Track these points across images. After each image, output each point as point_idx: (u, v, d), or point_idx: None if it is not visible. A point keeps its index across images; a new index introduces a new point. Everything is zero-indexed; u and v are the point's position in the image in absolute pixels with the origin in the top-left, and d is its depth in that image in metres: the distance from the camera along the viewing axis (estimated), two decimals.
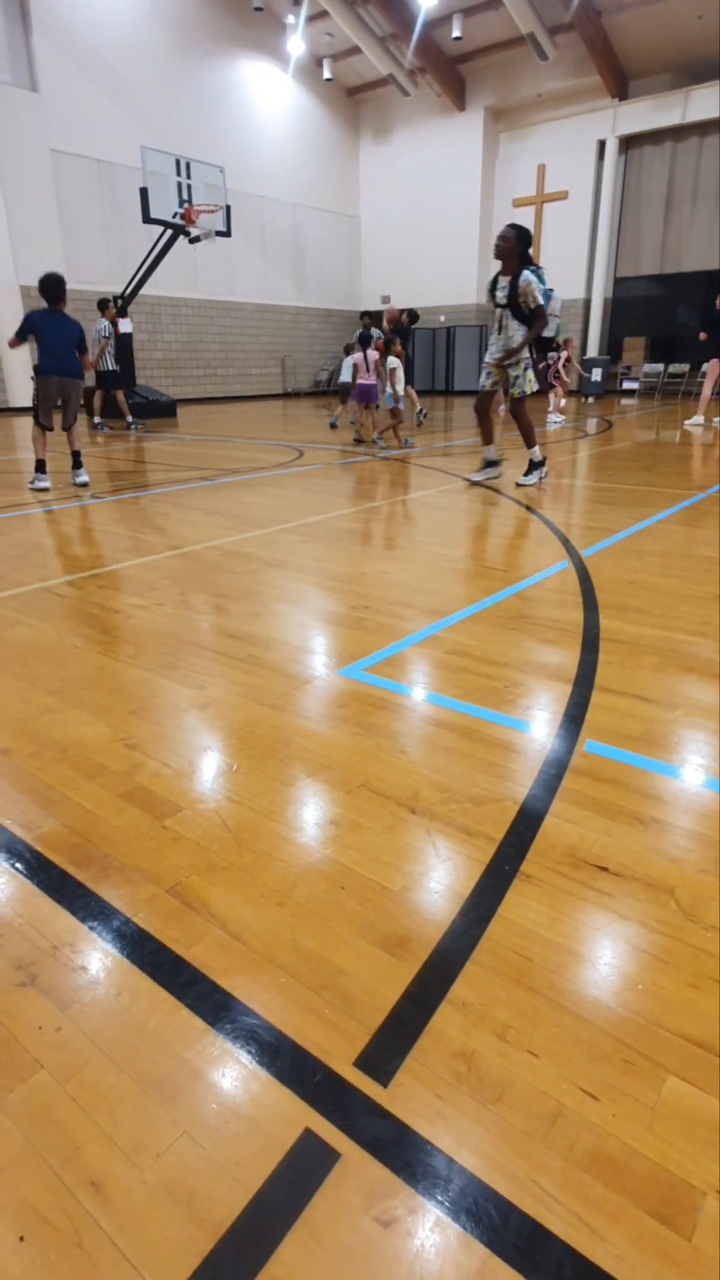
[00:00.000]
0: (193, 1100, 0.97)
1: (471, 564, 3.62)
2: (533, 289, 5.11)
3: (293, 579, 3.31)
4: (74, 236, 13.85)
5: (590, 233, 16.96)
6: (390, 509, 5.04)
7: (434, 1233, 0.82)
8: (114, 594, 3.11)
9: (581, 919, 1.27)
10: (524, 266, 5.16)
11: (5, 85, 12.51)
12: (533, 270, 5.16)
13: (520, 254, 5.15)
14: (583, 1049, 1.04)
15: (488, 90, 16.92)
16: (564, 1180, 0.87)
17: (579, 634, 2.61)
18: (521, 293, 5.14)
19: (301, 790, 1.68)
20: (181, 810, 1.60)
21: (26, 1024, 1.08)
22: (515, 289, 5.16)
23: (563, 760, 1.78)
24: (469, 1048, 1.04)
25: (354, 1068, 1.01)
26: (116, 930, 1.26)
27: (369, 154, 19.18)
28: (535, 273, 5.16)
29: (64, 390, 5.79)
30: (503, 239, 5.15)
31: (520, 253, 5.15)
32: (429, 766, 1.76)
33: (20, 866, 1.42)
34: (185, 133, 14.81)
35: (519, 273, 5.13)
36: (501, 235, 5.16)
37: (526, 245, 5.17)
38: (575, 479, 6.21)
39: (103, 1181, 0.87)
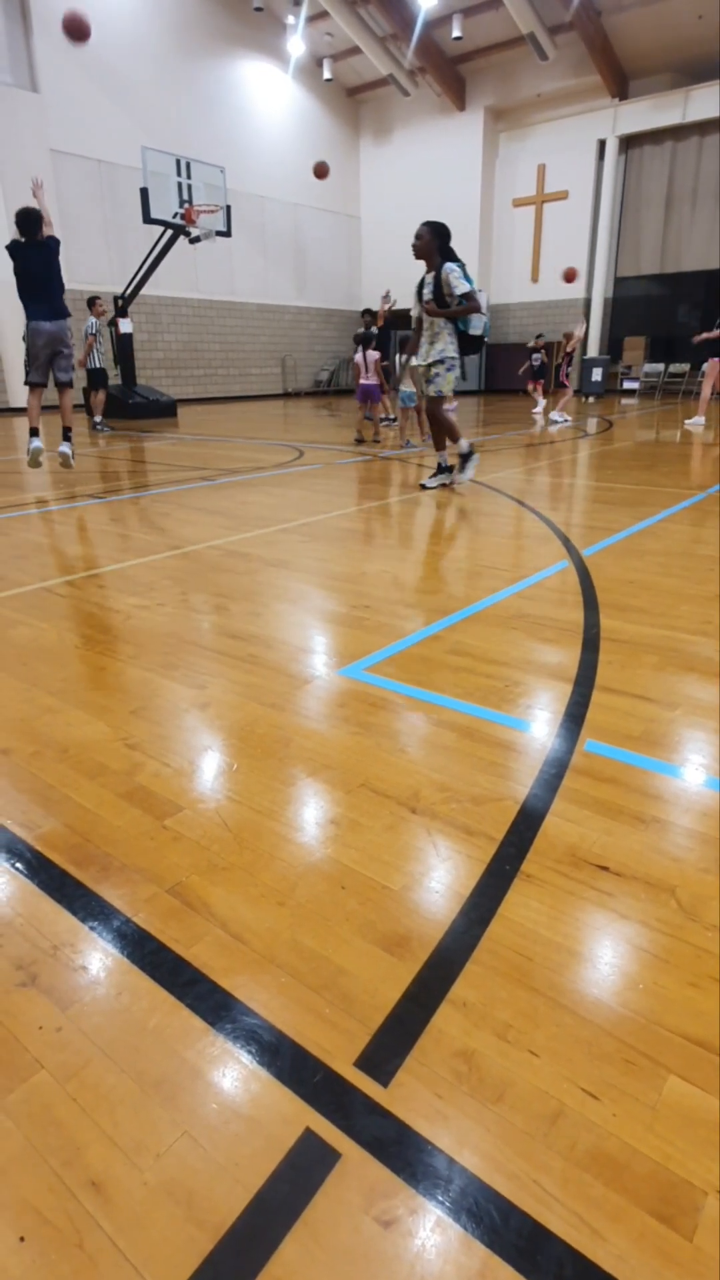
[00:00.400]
0: (193, 1100, 0.97)
1: (472, 563, 3.62)
2: (453, 276, 4.96)
3: (293, 578, 3.31)
4: (74, 237, 13.86)
5: (590, 233, 16.97)
6: (391, 508, 5.04)
7: (435, 1233, 0.82)
8: (114, 594, 3.11)
9: (582, 918, 1.27)
10: (446, 261, 5.01)
11: (5, 86, 12.52)
12: (456, 263, 5.02)
13: (440, 249, 5.02)
14: (583, 1048, 1.03)
15: (488, 90, 16.93)
16: (565, 1180, 0.87)
17: (579, 633, 2.61)
18: (444, 283, 5.01)
19: (302, 790, 1.68)
20: (182, 810, 1.60)
21: (27, 1024, 1.08)
22: (439, 284, 5.04)
23: (563, 760, 1.78)
24: (469, 1047, 1.04)
25: (354, 1068, 1.01)
26: (117, 930, 1.26)
27: (369, 154, 19.20)
28: (458, 265, 5.02)
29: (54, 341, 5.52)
30: (418, 237, 5.02)
31: (440, 247, 5.02)
32: (429, 766, 1.76)
33: (20, 866, 1.42)
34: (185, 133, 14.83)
35: (441, 267, 5.00)
36: (416, 234, 5.03)
37: (445, 240, 5.03)
38: (576, 478, 6.21)
39: (103, 1182, 0.87)
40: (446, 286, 5.01)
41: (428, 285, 5.11)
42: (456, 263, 5.03)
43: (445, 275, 4.98)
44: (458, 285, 4.98)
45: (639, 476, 6.10)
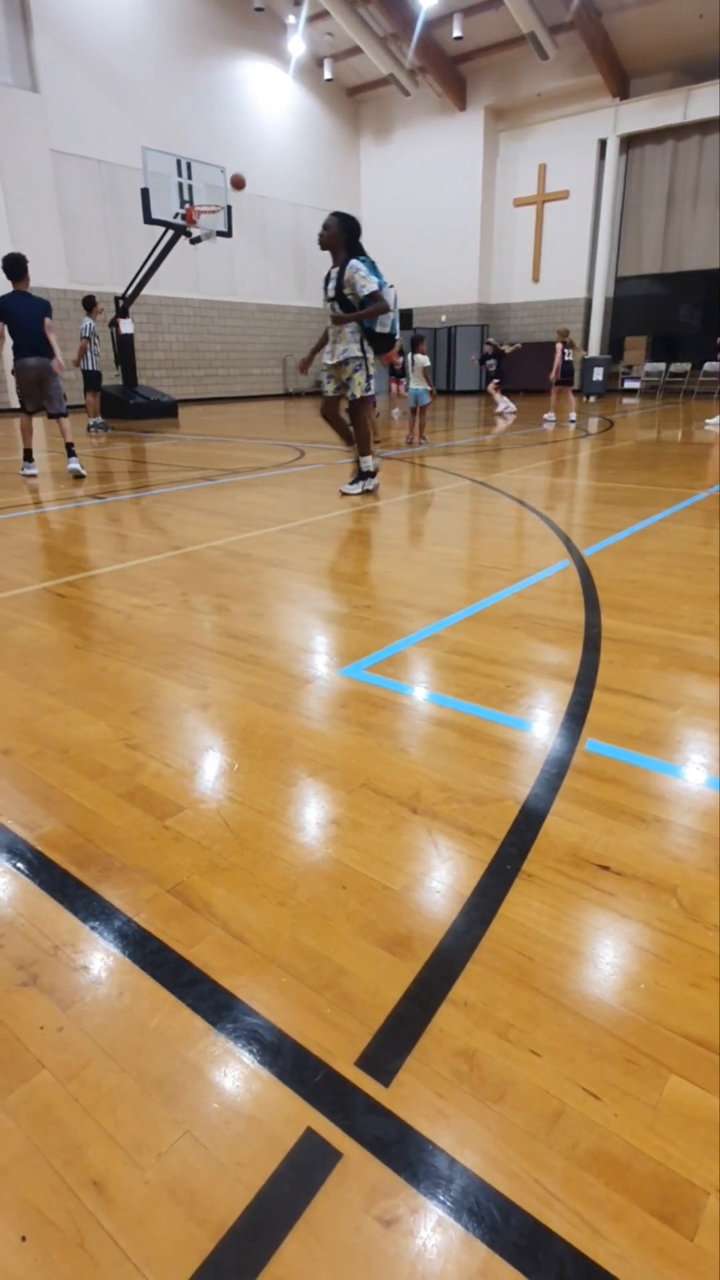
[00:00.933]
0: (194, 1100, 0.97)
1: (473, 563, 3.62)
2: (358, 276, 4.74)
3: (294, 579, 3.31)
4: (75, 237, 13.87)
5: (591, 232, 16.96)
6: (392, 508, 5.04)
7: (436, 1232, 0.82)
8: (115, 594, 3.11)
9: (583, 918, 1.27)
10: (353, 256, 4.80)
11: (6, 86, 12.53)
12: (363, 259, 4.80)
13: (347, 242, 4.81)
14: (585, 1048, 1.03)
15: (488, 90, 16.92)
16: (566, 1179, 0.87)
17: (581, 633, 2.61)
18: (347, 281, 4.79)
19: (303, 790, 1.68)
20: (183, 810, 1.60)
21: (28, 1024, 1.08)
22: (342, 278, 4.81)
23: (564, 759, 1.78)
24: (471, 1047, 1.04)
25: (355, 1067, 1.01)
26: (118, 930, 1.26)
27: (370, 154, 19.19)
28: (365, 262, 4.80)
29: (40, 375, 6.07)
30: (325, 228, 4.82)
31: (347, 241, 4.80)
32: (430, 766, 1.76)
33: (22, 866, 1.42)
34: (186, 133, 14.84)
35: (347, 262, 4.79)
36: (324, 224, 4.83)
37: (353, 233, 4.81)
38: (577, 478, 6.21)
39: (104, 1181, 0.87)
40: (350, 285, 4.79)
41: (332, 280, 4.89)
42: (364, 258, 4.82)
43: (350, 273, 4.76)
44: (363, 284, 4.75)
45: (640, 476, 6.10)
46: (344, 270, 4.79)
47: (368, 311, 4.83)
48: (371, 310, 4.83)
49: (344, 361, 4.96)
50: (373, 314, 4.84)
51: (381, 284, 4.83)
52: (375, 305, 4.81)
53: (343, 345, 4.95)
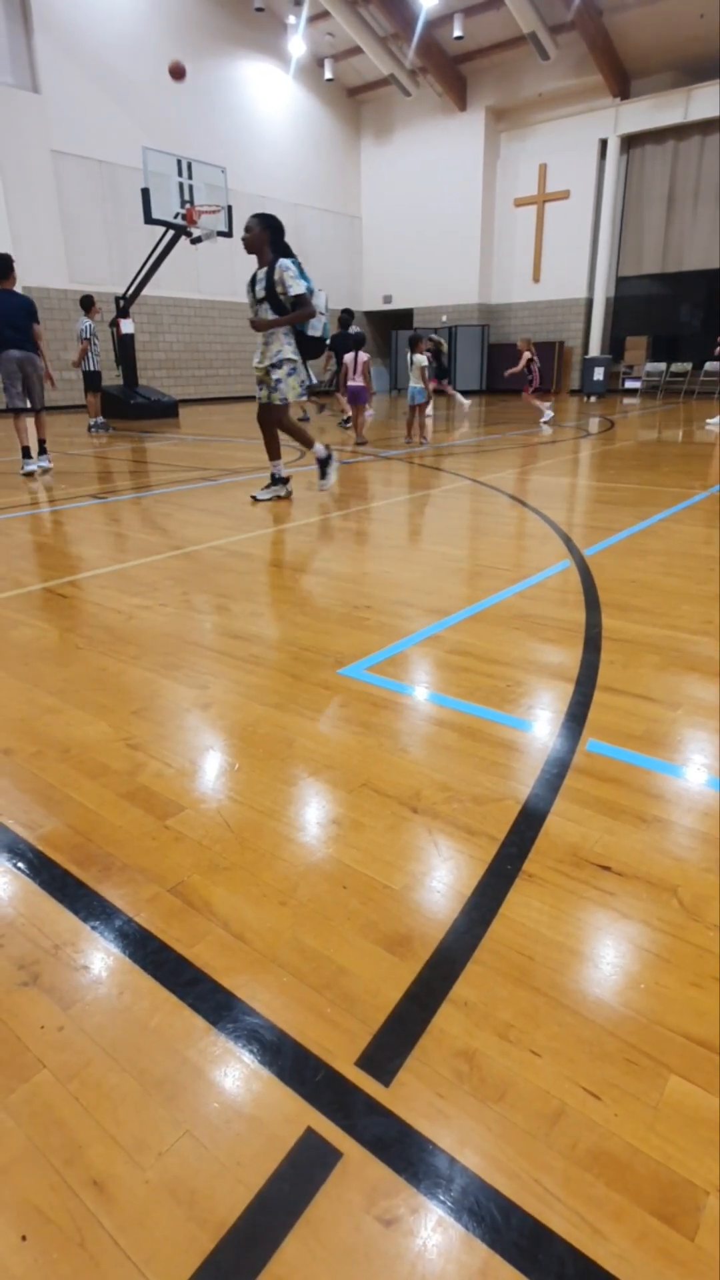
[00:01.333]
0: (194, 1099, 0.97)
1: (474, 563, 3.62)
2: (287, 275, 4.61)
3: (295, 579, 3.31)
4: (75, 237, 13.87)
5: (592, 232, 16.95)
6: (392, 509, 5.04)
7: (436, 1232, 0.82)
8: (116, 594, 3.12)
9: (584, 918, 1.27)
10: (280, 256, 4.68)
11: (7, 86, 12.53)
12: (291, 260, 4.68)
13: (272, 242, 4.69)
14: (585, 1048, 1.03)
15: (489, 90, 16.92)
16: (566, 1179, 0.87)
17: (581, 633, 2.61)
18: (277, 280, 4.65)
19: (303, 790, 1.68)
20: (184, 810, 1.60)
21: (29, 1023, 1.08)
22: (271, 279, 4.67)
23: (565, 759, 1.78)
24: (471, 1047, 1.04)
25: (356, 1067, 1.01)
26: (118, 930, 1.26)
27: (370, 154, 19.19)
28: (295, 263, 4.69)
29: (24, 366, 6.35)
30: (247, 230, 4.69)
31: (272, 240, 4.68)
32: (431, 766, 1.76)
33: (22, 866, 1.43)
34: (186, 133, 14.84)
35: (274, 262, 4.66)
36: (246, 226, 4.70)
37: (277, 233, 4.70)
38: (577, 478, 6.21)
39: (105, 1181, 0.87)
40: (280, 285, 4.65)
41: (259, 281, 4.74)
42: (291, 259, 4.69)
43: (280, 273, 4.63)
44: (292, 285, 4.62)
45: (641, 476, 6.09)
46: (273, 270, 4.66)
47: (294, 316, 4.71)
48: (299, 315, 4.71)
49: (276, 364, 4.80)
50: (300, 318, 4.72)
51: (310, 288, 4.73)
52: (303, 310, 4.70)
53: (275, 347, 4.79)
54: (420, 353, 8.15)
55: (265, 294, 4.72)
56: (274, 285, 4.68)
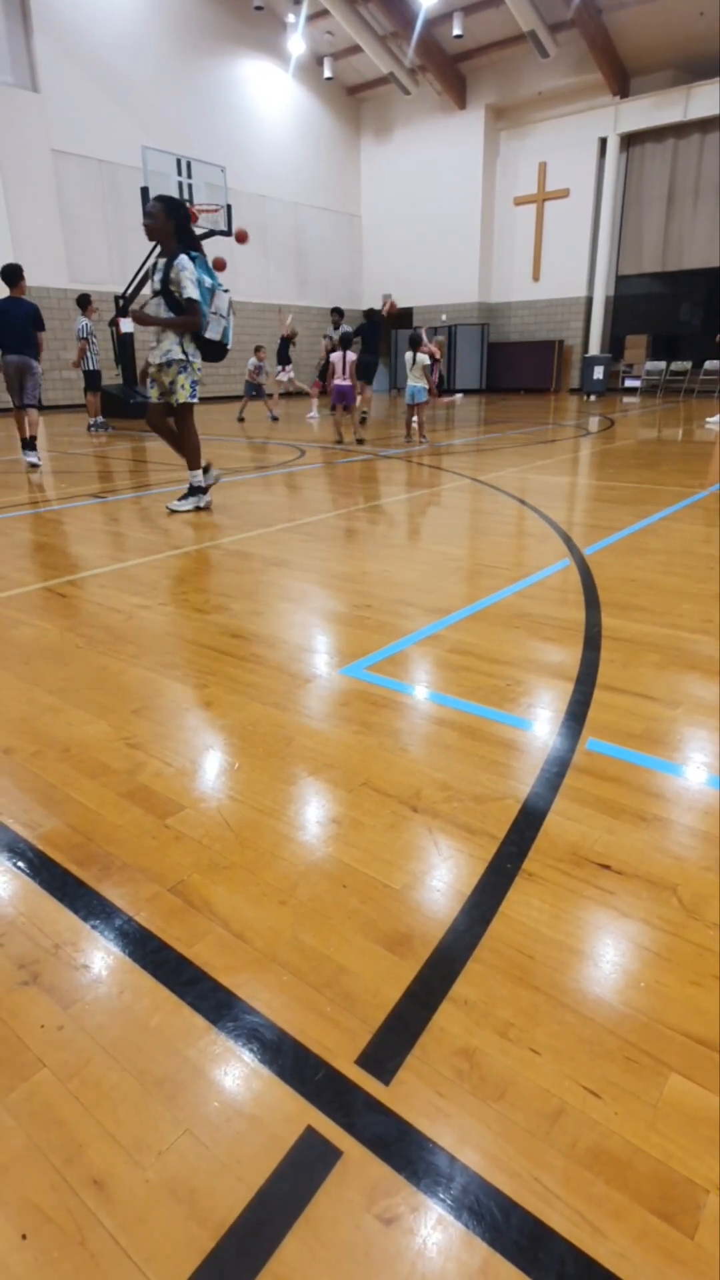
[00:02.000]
0: (195, 1098, 0.97)
1: (473, 562, 3.62)
2: (184, 275, 4.26)
3: (294, 578, 3.31)
4: (75, 237, 13.86)
5: (592, 231, 16.94)
6: (392, 508, 5.04)
7: (436, 1230, 0.82)
8: (116, 593, 3.12)
9: (584, 917, 1.27)
10: (184, 248, 4.33)
11: (6, 86, 12.52)
12: (192, 255, 4.32)
13: (175, 231, 4.31)
14: (585, 1047, 1.03)
15: (489, 88, 16.90)
16: (566, 1178, 0.87)
17: (581, 632, 2.60)
18: (174, 278, 4.30)
19: (303, 789, 1.68)
20: (184, 809, 1.60)
21: (29, 1023, 1.08)
22: (169, 274, 4.33)
23: (565, 758, 1.78)
24: (471, 1045, 1.04)
25: (356, 1066, 1.01)
26: (118, 929, 1.26)
27: (370, 153, 19.17)
28: (196, 259, 4.34)
29: (19, 369, 6.77)
30: (149, 216, 4.30)
31: (175, 229, 4.31)
32: (431, 765, 1.76)
33: (22, 865, 1.43)
34: (186, 132, 14.83)
35: (176, 255, 4.30)
36: (147, 212, 4.33)
37: (181, 221, 4.31)
38: (577, 477, 6.21)
39: (105, 1180, 0.87)
40: (175, 284, 4.30)
41: (158, 271, 4.38)
42: (196, 255, 4.34)
43: (177, 271, 4.28)
44: (187, 287, 4.28)
45: (641, 475, 6.09)
46: (170, 264, 4.31)
47: (173, 322, 4.37)
48: (176, 322, 4.37)
49: (167, 363, 4.48)
50: (178, 326, 4.38)
51: (216, 286, 4.44)
52: (183, 318, 4.36)
53: (165, 345, 4.45)
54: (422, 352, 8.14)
55: (161, 288, 4.39)
56: (169, 282, 4.34)
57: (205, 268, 4.41)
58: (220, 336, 4.56)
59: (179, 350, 4.47)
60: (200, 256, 4.39)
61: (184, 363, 4.51)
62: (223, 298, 4.48)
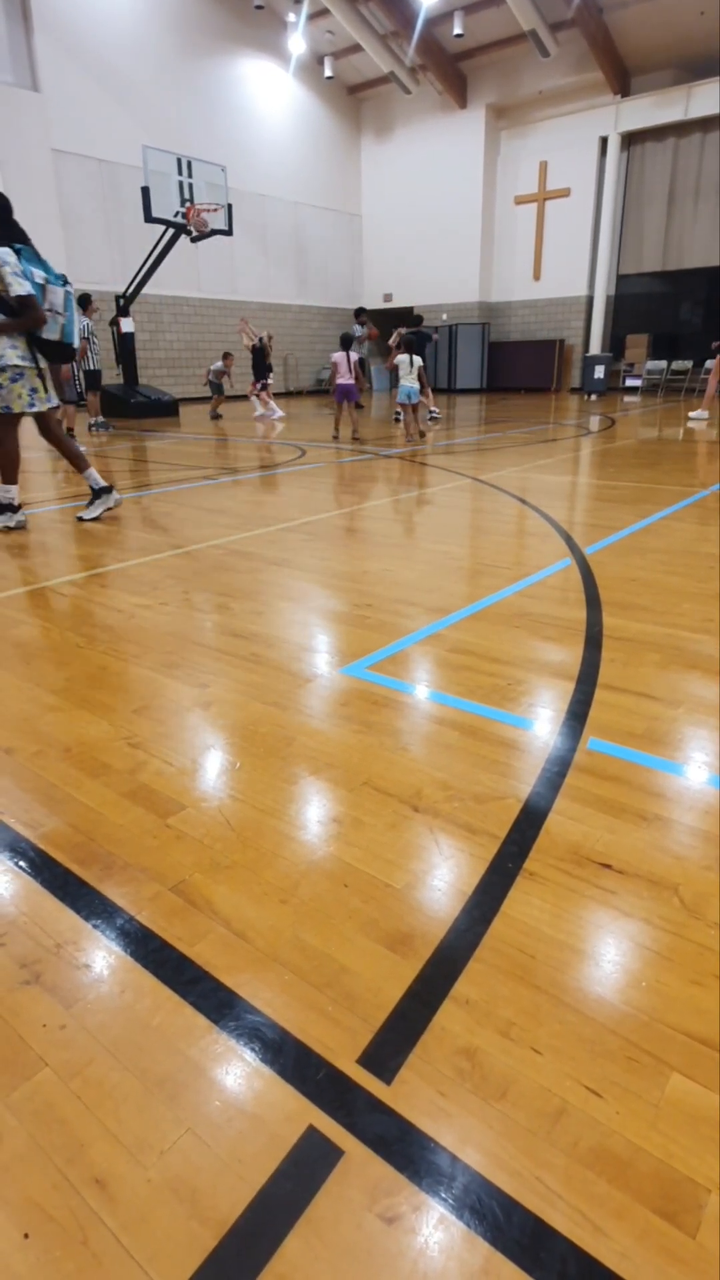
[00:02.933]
0: (196, 1098, 0.97)
1: (474, 562, 3.62)
2: (5, 272, 3.78)
3: (295, 577, 3.31)
4: (76, 236, 13.86)
5: (592, 230, 16.92)
6: (393, 507, 5.04)
7: (437, 1230, 0.82)
8: (117, 593, 3.12)
9: (585, 916, 1.27)
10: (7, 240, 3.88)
11: (7, 85, 12.52)
12: (14, 248, 3.87)
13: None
14: (586, 1046, 1.03)
15: (489, 87, 16.88)
16: (568, 1177, 0.87)
17: (582, 631, 2.60)
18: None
19: (304, 788, 1.68)
20: (185, 809, 1.60)
21: (30, 1022, 1.08)
22: None
23: (566, 758, 1.78)
24: (472, 1045, 1.04)
25: (357, 1065, 1.01)
26: (120, 928, 1.26)
27: (370, 152, 19.16)
28: (26, 254, 3.92)
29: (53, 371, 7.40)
30: None
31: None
32: (432, 764, 1.76)
33: (24, 865, 1.43)
34: (187, 132, 14.82)
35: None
36: None
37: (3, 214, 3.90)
38: (578, 476, 6.20)
39: (106, 1179, 0.87)
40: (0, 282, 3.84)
41: None
42: (20, 248, 3.90)
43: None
44: (14, 284, 3.81)
45: (641, 474, 6.09)
46: None
47: (9, 325, 3.90)
48: (16, 324, 3.91)
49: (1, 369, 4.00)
50: (11, 329, 3.92)
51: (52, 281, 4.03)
52: (25, 317, 3.90)
53: None
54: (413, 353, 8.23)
55: None
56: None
57: (35, 260, 3.99)
58: (60, 336, 4.11)
59: (16, 355, 3.99)
60: (26, 249, 3.95)
61: (19, 369, 4.03)
62: (57, 292, 4.04)
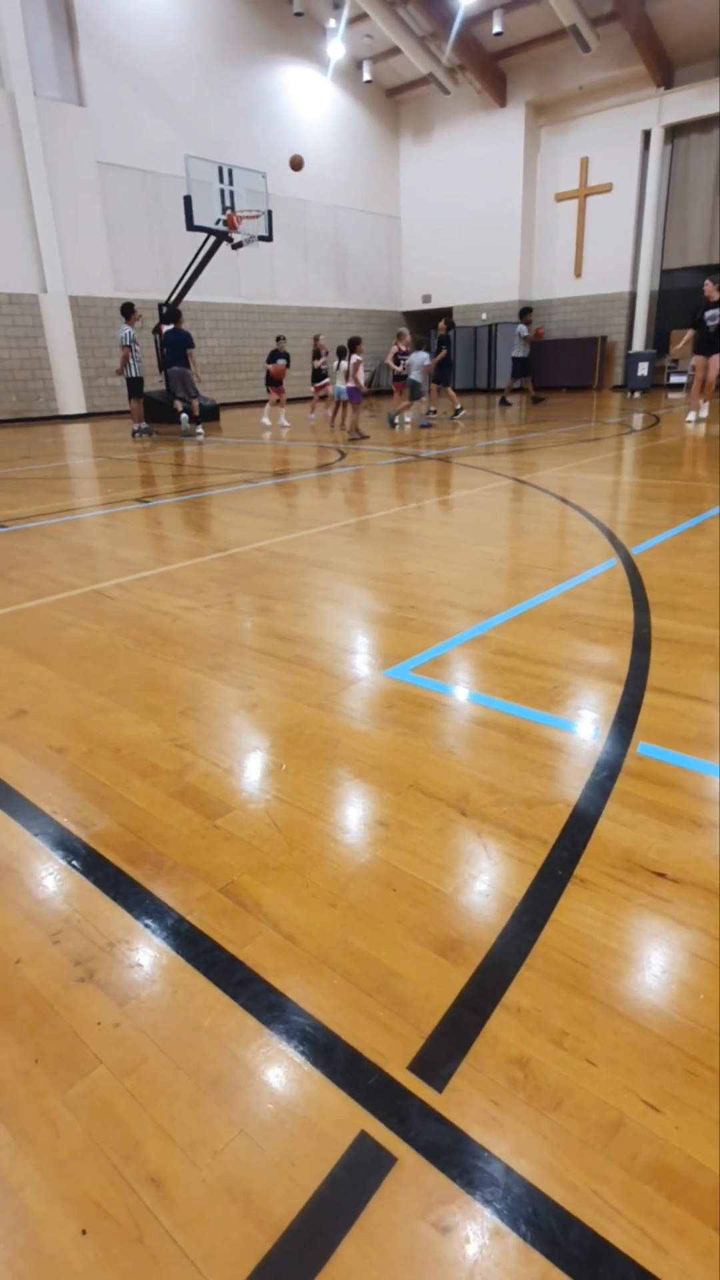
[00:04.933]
0: (248, 1099, 0.97)
1: (517, 563, 3.58)
2: None
3: (338, 579, 3.32)
4: (120, 246, 14.13)
5: (635, 225, 16.63)
6: (433, 508, 5.02)
7: (493, 1242, 0.81)
8: (162, 596, 3.16)
9: (639, 925, 1.24)
10: None
11: (55, 101, 12.83)
12: None
13: None
14: (643, 1058, 1.01)
15: (529, 85, 16.72)
16: (626, 1193, 0.85)
17: (630, 633, 2.55)
18: None
19: (350, 791, 1.67)
20: (232, 810, 1.61)
21: (85, 1019, 1.10)
22: None
23: (615, 762, 1.75)
24: (525, 1054, 1.02)
25: (408, 1071, 1.00)
26: (171, 928, 1.27)
27: (409, 154, 19.14)
28: None
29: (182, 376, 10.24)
30: None
31: None
32: (478, 768, 1.74)
33: (76, 863, 1.45)
34: (227, 140, 15.00)
35: None
36: None
37: None
38: (622, 475, 6.10)
39: (161, 1178, 0.88)
40: None
41: None
42: None
43: None
44: None
45: (688, 472, 5.96)
46: None
47: None
48: None
49: None
50: None
51: None
52: None
53: None
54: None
55: None
56: None
57: None
58: None
59: None
60: None
61: None
62: None
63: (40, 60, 12.59)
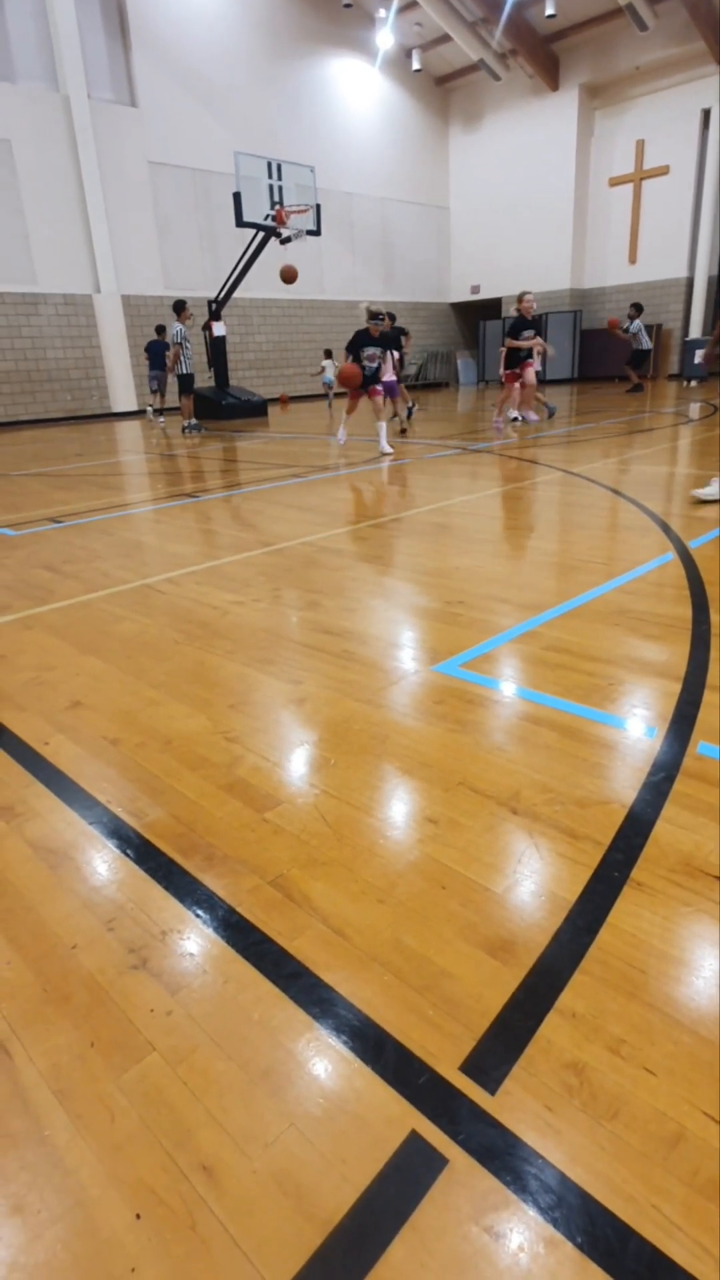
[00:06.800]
0: (299, 1093, 0.97)
1: (568, 557, 3.51)
2: None
3: (385, 574, 3.30)
4: (170, 245, 14.32)
5: (694, 208, 16.11)
6: (481, 502, 4.96)
7: (549, 1250, 0.79)
8: (211, 590, 3.19)
9: (699, 931, 1.21)
10: None
11: (108, 103, 13.05)
12: None
13: None
14: (704, 1070, 0.98)
15: (583, 67, 16.34)
16: (687, 1208, 0.82)
17: (687, 630, 2.48)
18: None
19: (399, 786, 1.66)
20: (281, 804, 1.61)
21: (139, 1006, 1.12)
22: None
23: (673, 763, 1.70)
24: (580, 1060, 1.00)
25: (459, 1072, 0.99)
26: (221, 919, 1.28)
27: (458, 142, 18.91)
28: None
29: None
30: None
31: None
32: (530, 766, 1.71)
33: (130, 853, 1.48)
34: (276, 134, 15.05)
35: None
36: None
37: None
38: (677, 467, 5.93)
39: (214, 1166, 0.89)
40: None
41: None
42: None
43: None
44: None
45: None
46: None
47: None
48: None
49: None
50: None
51: None
52: None
53: None
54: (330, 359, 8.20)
55: None
56: None
57: None
58: None
59: None
60: None
61: None
62: None
63: (94, 63, 12.82)
